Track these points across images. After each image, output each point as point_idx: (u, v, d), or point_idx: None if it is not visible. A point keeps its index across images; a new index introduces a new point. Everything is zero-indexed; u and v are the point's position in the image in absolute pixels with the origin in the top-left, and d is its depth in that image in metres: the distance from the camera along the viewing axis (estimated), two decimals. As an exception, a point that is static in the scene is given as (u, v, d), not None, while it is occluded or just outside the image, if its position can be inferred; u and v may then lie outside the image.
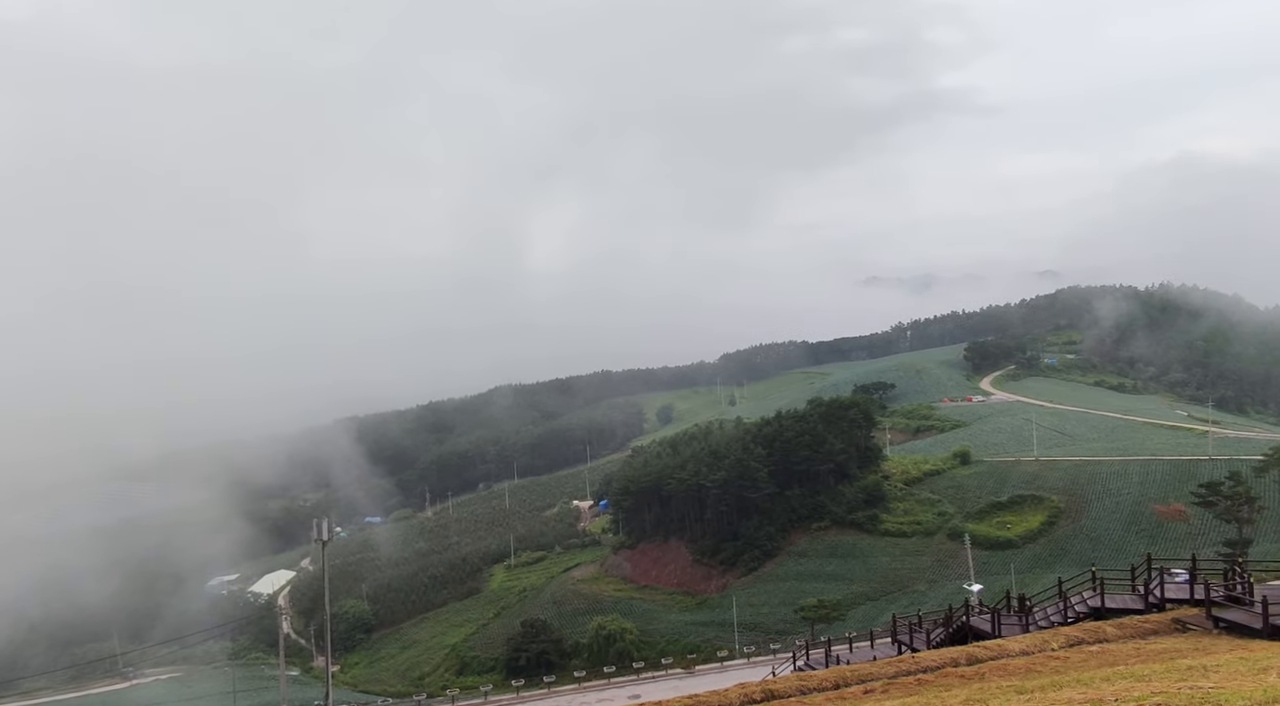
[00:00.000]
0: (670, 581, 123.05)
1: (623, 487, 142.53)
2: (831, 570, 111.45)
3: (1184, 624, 28.51)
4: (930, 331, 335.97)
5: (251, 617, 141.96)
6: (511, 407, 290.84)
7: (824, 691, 30.68)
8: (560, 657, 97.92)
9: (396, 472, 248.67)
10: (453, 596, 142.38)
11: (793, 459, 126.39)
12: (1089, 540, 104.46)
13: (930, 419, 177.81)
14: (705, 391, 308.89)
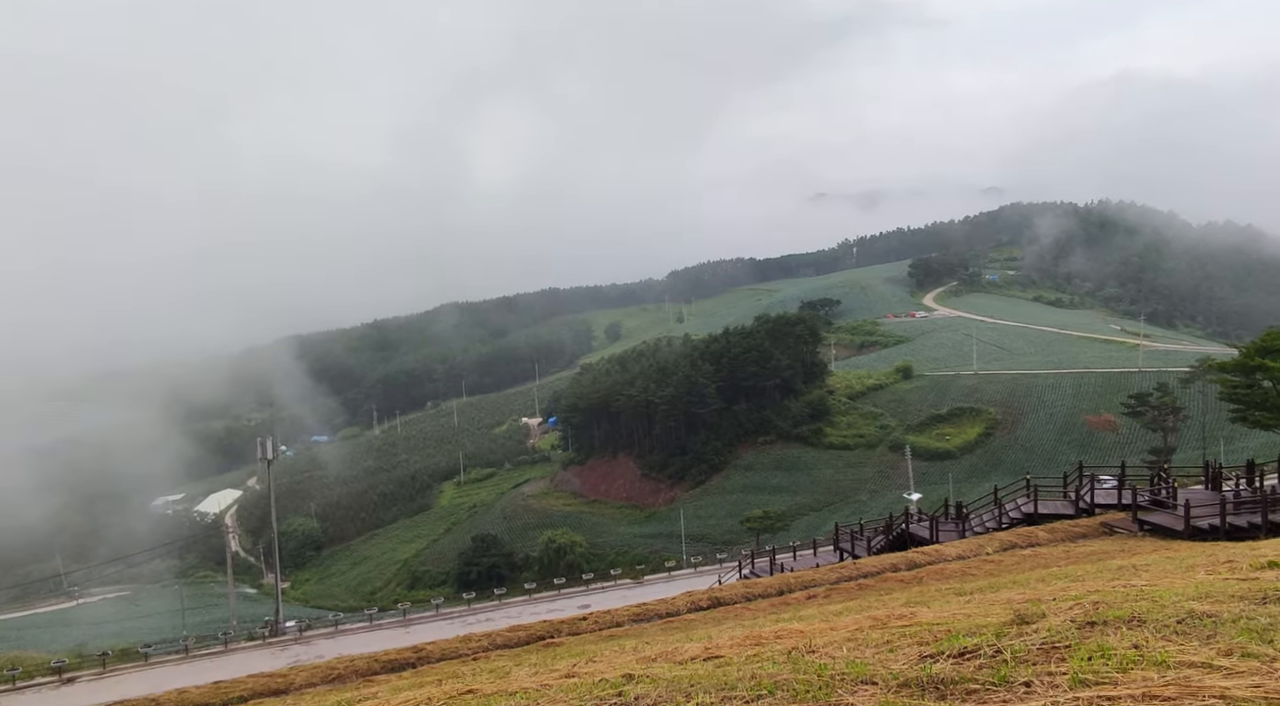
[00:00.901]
0: (619, 496, 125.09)
1: (571, 404, 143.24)
2: (777, 482, 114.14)
3: (1111, 527, 29.78)
4: (876, 248, 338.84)
5: (198, 536, 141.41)
6: (458, 326, 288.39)
7: (769, 597, 31.55)
8: (511, 571, 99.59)
9: (342, 391, 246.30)
10: (403, 513, 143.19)
11: (740, 375, 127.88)
12: (1023, 450, 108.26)
13: (874, 334, 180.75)
14: (653, 309, 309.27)
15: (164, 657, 43.89)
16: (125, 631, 78.53)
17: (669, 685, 5.54)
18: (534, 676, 7.57)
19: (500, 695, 6.19)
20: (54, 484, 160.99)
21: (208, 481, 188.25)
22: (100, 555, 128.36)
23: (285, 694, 25.13)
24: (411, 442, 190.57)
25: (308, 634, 47.60)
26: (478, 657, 26.88)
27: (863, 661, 5.19)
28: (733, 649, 7.06)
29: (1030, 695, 3.93)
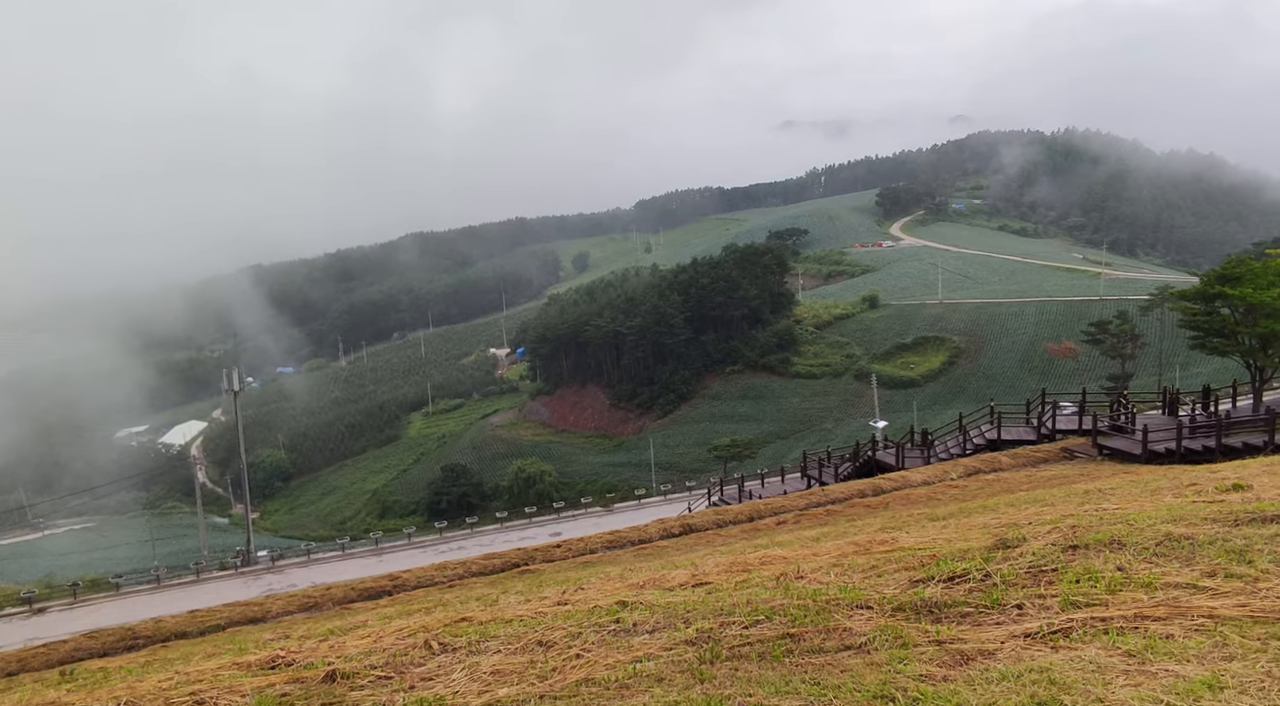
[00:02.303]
0: (588, 425, 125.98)
1: (540, 335, 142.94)
2: (744, 411, 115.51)
3: (1072, 452, 30.60)
4: (843, 177, 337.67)
5: (164, 468, 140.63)
6: (422, 256, 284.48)
7: (739, 524, 32.15)
8: (481, 500, 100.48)
9: (306, 323, 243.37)
10: (371, 443, 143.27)
11: (707, 305, 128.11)
12: (986, 378, 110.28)
13: (842, 264, 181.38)
14: (621, 239, 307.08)
15: (136, 588, 44.02)
16: (93, 562, 78.47)
17: (665, 611, 5.67)
18: (525, 604, 7.71)
19: (496, 622, 6.30)
20: (12, 415, 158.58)
21: (171, 412, 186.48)
22: (64, 486, 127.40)
23: (262, 622, 25.37)
24: (378, 374, 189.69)
25: (280, 563, 47.91)
26: (454, 585, 27.25)
27: (853, 586, 5.34)
28: (720, 576, 7.22)
29: (1023, 617, 4.08)
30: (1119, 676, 3.27)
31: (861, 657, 3.91)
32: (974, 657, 3.69)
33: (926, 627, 4.21)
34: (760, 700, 3.45)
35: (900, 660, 3.78)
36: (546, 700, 4.05)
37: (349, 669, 5.40)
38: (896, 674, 3.60)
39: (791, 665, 3.95)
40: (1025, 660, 3.58)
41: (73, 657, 22.29)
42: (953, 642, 3.89)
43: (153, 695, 5.48)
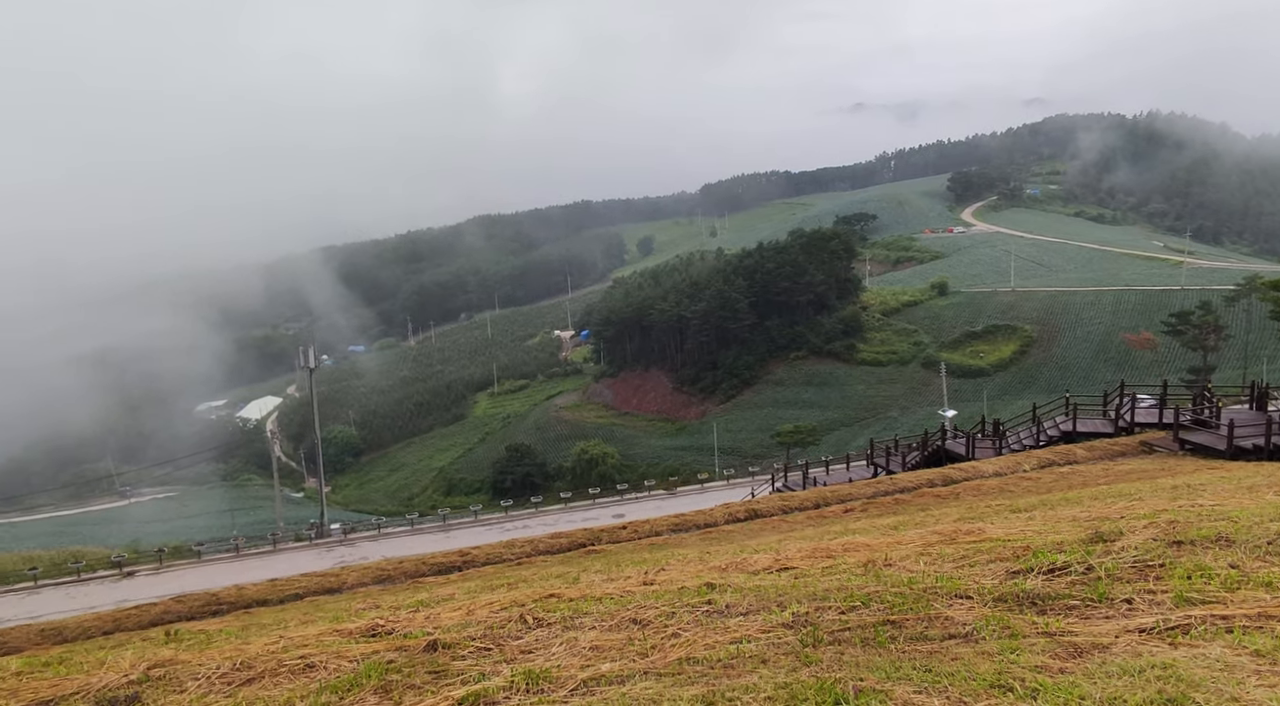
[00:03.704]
0: (651, 408, 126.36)
1: (604, 318, 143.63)
2: (808, 398, 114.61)
3: (1151, 446, 29.69)
4: (914, 161, 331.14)
5: (241, 441, 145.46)
6: (489, 238, 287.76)
7: (805, 510, 32.03)
8: (544, 480, 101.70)
9: (376, 302, 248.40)
10: (438, 422, 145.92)
11: (773, 290, 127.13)
12: (1058, 368, 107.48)
13: (911, 250, 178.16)
14: (686, 223, 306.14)
15: (216, 556, 45.77)
16: (175, 530, 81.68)
17: (755, 594, 5.72)
18: (609, 583, 7.83)
19: (587, 599, 6.43)
20: (101, 388, 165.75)
21: (248, 388, 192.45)
22: (148, 457, 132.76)
23: (338, 592, 26.16)
24: (446, 353, 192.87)
25: (352, 536, 49.28)
26: (522, 563, 27.70)
27: (948, 576, 5.33)
28: (804, 561, 7.25)
29: (1134, 612, 4.04)
30: (1250, 676, 3.22)
31: (970, 646, 3.92)
32: (1088, 651, 3.67)
33: (1033, 619, 4.19)
34: (872, 684, 3.49)
35: (1011, 650, 3.79)
36: (650, 676, 4.15)
37: (449, 639, 5.58)
38: (1010, 663, 3.60)
39: (897, 651, 3.98)
40: (1144, 655, 3.55)
41: (162, 619, 23.30)
42: (1063, 635, 3.88)
43: (264, 656, 5.74)
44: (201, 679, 5.40)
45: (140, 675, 5.63)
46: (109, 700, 5.11)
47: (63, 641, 18.68)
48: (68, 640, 18.89)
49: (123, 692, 5.22)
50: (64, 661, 7.94)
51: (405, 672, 4.97)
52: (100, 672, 5.96)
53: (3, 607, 35.76)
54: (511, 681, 4.30)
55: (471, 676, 4.70)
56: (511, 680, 4.32)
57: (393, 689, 4.65)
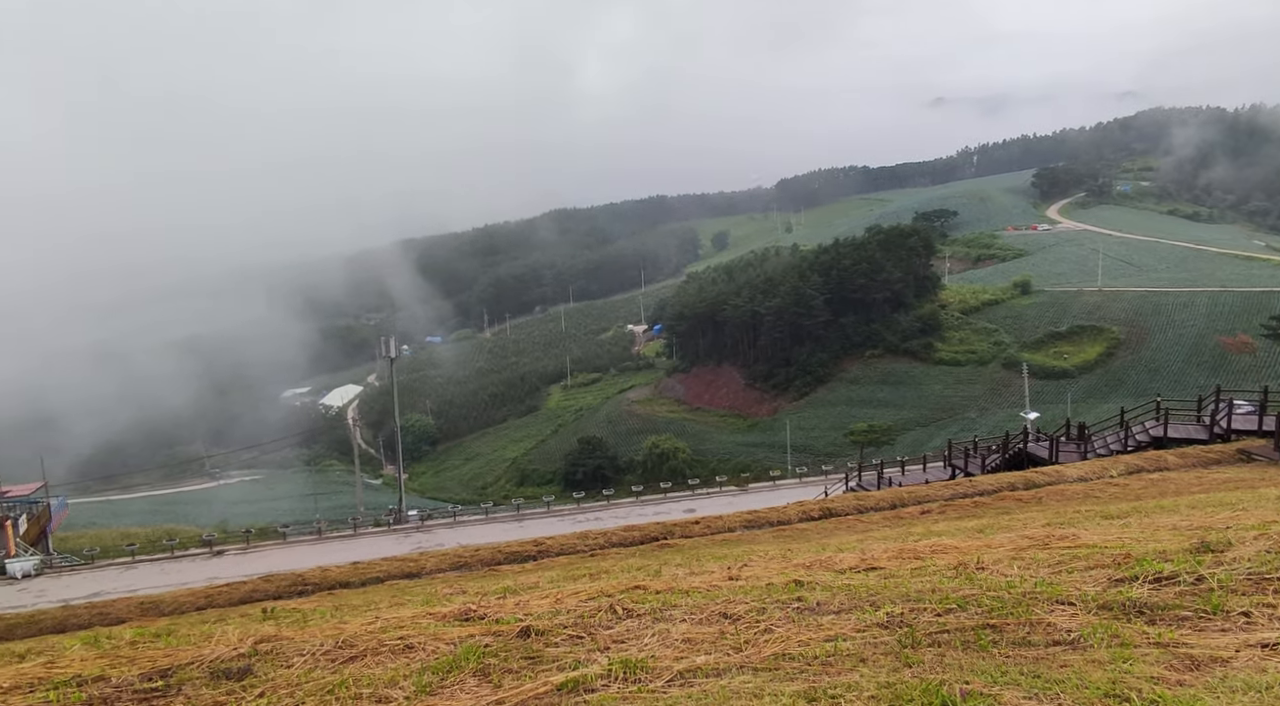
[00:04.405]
0: (723, 404, 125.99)
1: (677, 313, 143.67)
2: (883, 396, 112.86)
3: (1249, 454, 28.46)
4: (997, 156, 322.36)
5: (323, 427, 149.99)
6: (564, 232, 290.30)
7: (881, 511, 31.58)
8: (615, 473, 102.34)
9: (453, 294, 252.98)
10: (512, 413, 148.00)
11: (848, 287, 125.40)
12: (1148, 371, 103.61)
13: (992, 248, 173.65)
14: (761, 218, 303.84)
15: (300, 538, 47.31)
16: (260, 511, 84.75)
17: (846, 593, 5.70)
18: (693, 577, 7.87)
19: (674, 592, 6.49)
20: (194, 374, 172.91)
21: (330, 376, 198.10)
22: (236, 441, 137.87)
23: (417, 577, 26.82)
24: (520, 346, 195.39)
25: (428, 523, 50.40)
26: (595, 554, 27.95)
27: (1046, 581, 5.23)
28: (890, 561, 7.19)
29: (1252, 626, 3.91)
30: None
31: (1079, 654, 3.85)
32: (1205, 664, 3.57)
33: (1143, 629, 4.09)
34: (979, 688, 3.46)
35: (1123, 660, 3.70)
36: (746, 671, 4.18)
37: (541, 626, 5.70)
38: (1124, 673, 3.53)
39: (1001, 656, 3.94)
40: (1271, 671, 3.44)
41: (251, 597, 24.24)
42: (1176, 646, 3.78)
43: (364, 636, 5.94)
44: (306, 655, 5.62)
45: (249, 649, 5.88)
46: (222, 671, 5.36)
47: (160, 614, 19.58)
48: (165, 613, 19.79)
49: (235, 665, 5.47)
50: (172, 633, 8.34)
51: (502, 657, 5.09)
52: (210, 645, 6.25)
53: (104, 581, 37.63)
54: (609, 670, 4.38)
55: (567, 663, 4.79)
56: (609, 668, 4.39)
57: (491, 672, 4.78)
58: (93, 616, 20.33)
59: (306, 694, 4.63)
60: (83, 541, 53.73)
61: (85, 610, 21.07)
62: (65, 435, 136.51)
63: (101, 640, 8.30)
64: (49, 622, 19.95)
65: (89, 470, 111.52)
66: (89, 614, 20.59)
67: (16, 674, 5.79)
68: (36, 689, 5.24)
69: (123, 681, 5.30)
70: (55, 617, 20.52)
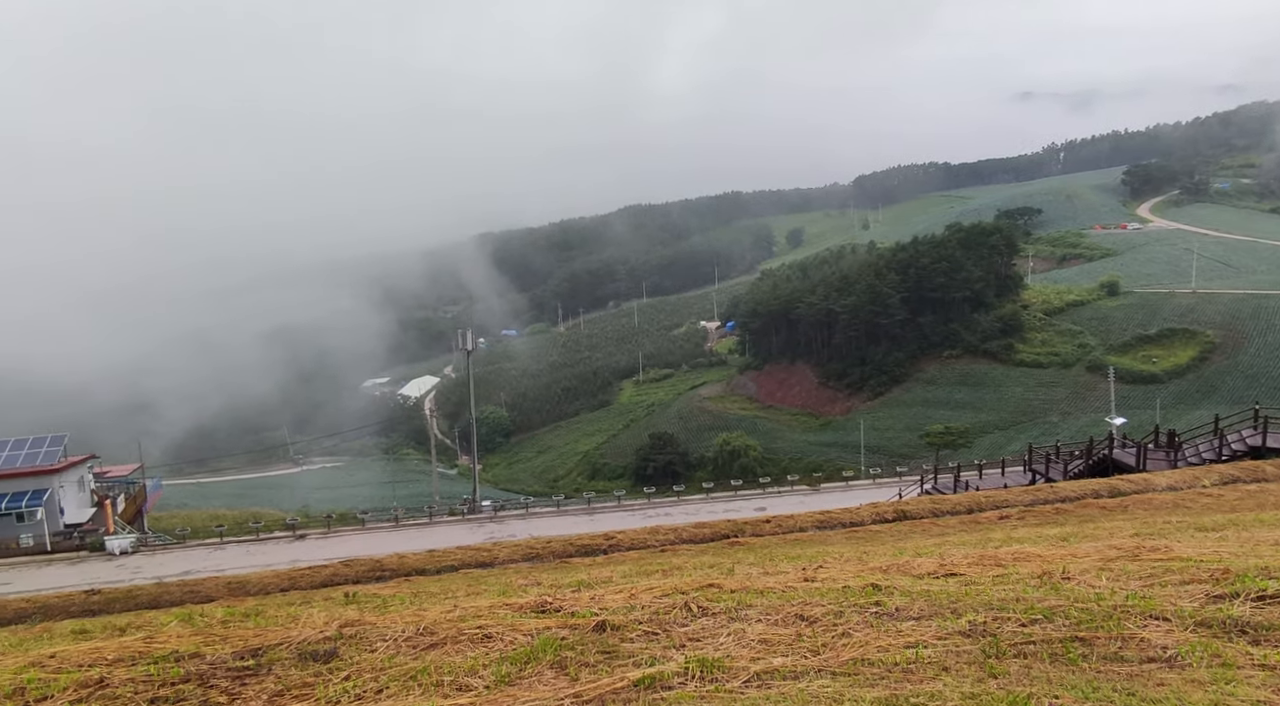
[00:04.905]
0: (795, 402, 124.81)
1: (751, 310, 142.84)
2: (960, 398, 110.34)
3: (1357, 468, 27.07)
4: (1085, 153, 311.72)
5: (401, 417, 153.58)
6: (638, 228, 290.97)
7: (957, 515, 30.93)
8: (686, 469, 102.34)
9: (529, 288, 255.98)
10: (584, 407, 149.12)
11: (926, 285, 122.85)
12: (1244, 377, 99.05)
13: (1079, 247, 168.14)
14: (837, 215, 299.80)
15: (378, 524, 48.56)
16: (340, 497, 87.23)
17: (925, 599, 5.61)
18: (766, 577, 7.83)
19: (749, 592, 6.47)
20: (281, 362, 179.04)
21: (408, 367, 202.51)
22: (318, 428, 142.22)
23: (490, 566, 27.27)
24: (594, 340, 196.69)
25: (501, 514, 51.20)
26: (665, 550, 27.99)
27: (1138, 594, 5.05)
28: (970, 568, 7.04)
29: (1368, 650, 3.71)
30: None
31: (1176, 672, 3.71)
32: (1315, 688, 3.40)
33: (1246, 649, 3.92)
34: (1069, 703, 3.37)
35: (1225, 681, 3.56)
36: (824, 675, 4.15)
37: (616, 621, 5.74)
38: (1226, 696, 3.39)
39: (1091, 670, 3.82)
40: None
41: (332, 581, 24.96)
42: (1282, 668, 3.61)
43: (445, 623, 6.07)
44: (389, 640, 5.77)
45: (334, 632, 6.06)
46: (310, 653, 5.54)
47: (247, 594, 20.32)
48: (251, 593, 20.53)
49: (321, 647, 5.65)
50: (260, 613, 8.66)
51: (578, 650, 5.14)
52: (298, 627, 6.46)
53: (194, 560, 39.24)
54: (685, 667, 4.38)
55: (643, 659, 4.82)
56: (685, 666, 4.40)
57: (568, 665, 4.83)
58: (184, 593, 21.21)
59: (390, 678, 4.76)
60: (175, 521, 56.14)
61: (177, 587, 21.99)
62: (161, 419, 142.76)
63: (195, 618, 8.66)
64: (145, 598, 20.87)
65: (182, 453, 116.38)
66: (181, 591, 21.48)
67: (119, 647, 6.09)
68: (138, 662, 5.49)
69: (217, 659, 5.52)
70: (150, 593, 21.46)
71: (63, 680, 5.16)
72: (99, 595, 22.13)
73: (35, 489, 43.94)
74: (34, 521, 43.87)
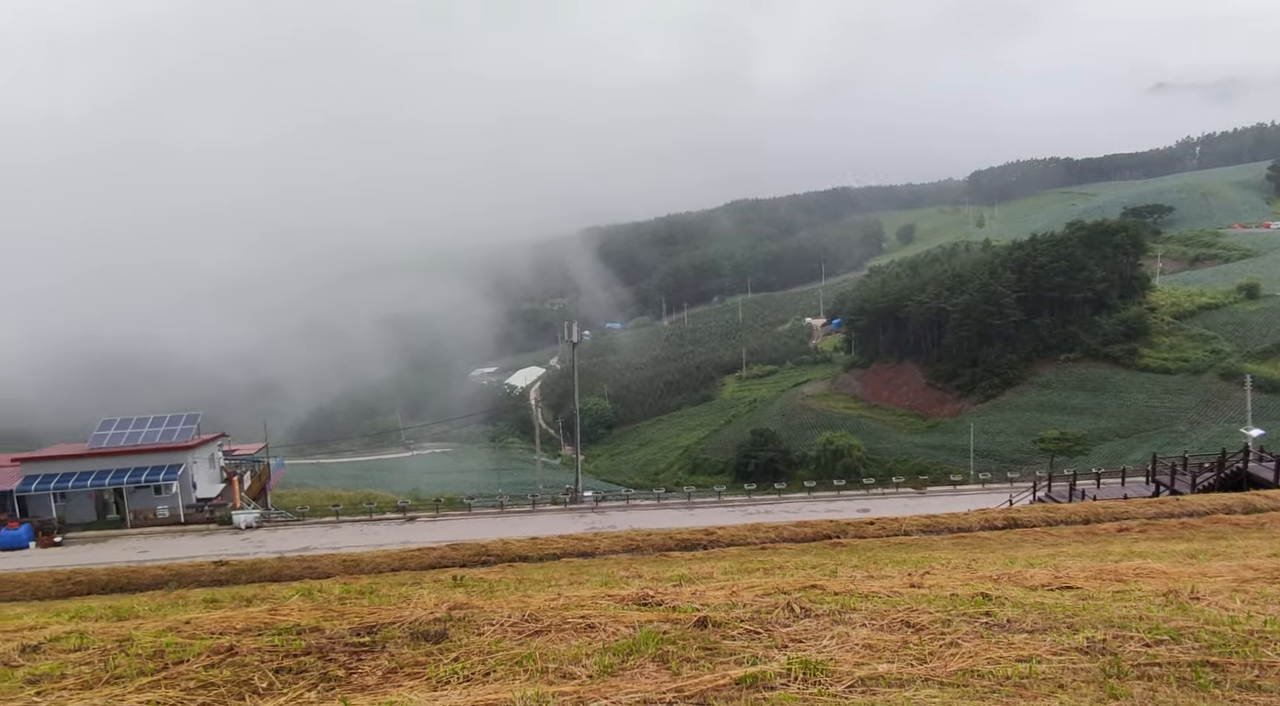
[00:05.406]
0: (902, 403, 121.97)
1: (858, 307, 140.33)
2: (1078, 403, 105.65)
3: None
4: (1224, 147, 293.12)
5: (507, 406, 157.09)
6: (744, 223, 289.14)
7: (1072, 525, 29.73)
8: (787, 467, 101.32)
9: (633, 282, 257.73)
10: (686, 401, 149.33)
11: (1044, 285, 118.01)
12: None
13: (1214, 247, 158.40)
14: (951, 211, 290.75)
15: (483, 510, 49.87)
16: (448, 482, 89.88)
17: (1039, 612, 5.43)
18: (870, 580, 7.71)
19: (853, 595, 6.38)
20: (395, 349, 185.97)
21: (514, 357, 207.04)
22: (429, 414, 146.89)
23: (591, 556, 27.66)
24: (697, 335, 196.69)
25: (602, 504, 51.81)
26: (765, 548, 27.80)
27: (1277, 620, 4.76)
28: (1088, 582, 6.76)
29: None
30: None
31: (1318, 705, 3.48)
32: None
33: None
34: (1198, 730, 3.20)
35: (1375, 716, 3.33)
36: (931, 684, 4.06)
37: (718, 618, 5.75)
38: (1375, 731, 3.17)
39: (1225, 698, 3.61)
40: None
41: (439, 563, 25.78)
42: None
43: (549, 611, 6.20)
44: (496, 624, 5.93)
45: (444, 614, 6.27)
46: (421, 633, 5.75)
47: (360, 572, 21.20)
48: (364, 572, 21.41)
49: (432, 628, 5.86)
50: (374, 592, 9.03)
51: (679, 645, 5.17)
52: (410, 608, 6.70)
53: (311, 536, 41.12)
54: (788, 668, 4.36)
55: (745, 657, 4.82)
56: (788, 667, 4.38)
57: (669, 659, 4.87)
58: (303, 569, 22.26)
59: (497, 662, 4.89)
60: (295, 499, 58.97)
61: (297, 562, 23.09)
62: (286, 401, 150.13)
63: (314, 593, 9.10)
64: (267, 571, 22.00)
65: (304, 434, 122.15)
66: (300, 566, 22.56)
67: (247, 617, 6.45)
68: (264, 633, 5.81)
69: (335, 634, 5.79)
70: (272, 567, 22.61)
71: (197, 646, 5.50)
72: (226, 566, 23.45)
73: (171, 464, 46.85)
74: (169, 494, 46.79)
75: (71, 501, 46.72)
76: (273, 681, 4.79)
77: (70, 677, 5.01)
